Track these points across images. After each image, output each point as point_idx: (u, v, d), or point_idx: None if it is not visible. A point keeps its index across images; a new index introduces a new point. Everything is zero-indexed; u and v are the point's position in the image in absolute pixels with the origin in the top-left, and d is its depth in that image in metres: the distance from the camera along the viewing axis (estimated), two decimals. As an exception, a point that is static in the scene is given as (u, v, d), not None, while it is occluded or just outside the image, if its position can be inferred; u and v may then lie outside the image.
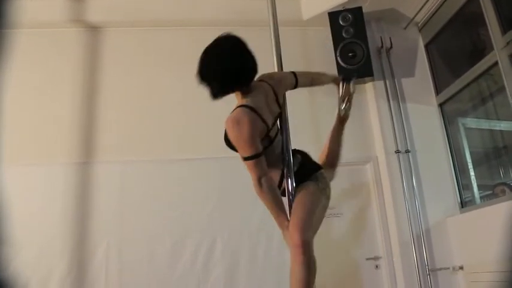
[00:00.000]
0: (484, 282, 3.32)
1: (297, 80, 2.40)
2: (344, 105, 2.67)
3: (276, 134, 2.18)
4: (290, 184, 2.14)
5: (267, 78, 2.29)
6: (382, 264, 4.06)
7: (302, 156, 2.27)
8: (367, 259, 4.06)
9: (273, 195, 2.01)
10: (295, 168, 2.17)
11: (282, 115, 2.28)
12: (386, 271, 4.01)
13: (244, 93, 2.17)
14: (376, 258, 4.08)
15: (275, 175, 2.16)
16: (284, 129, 2.28)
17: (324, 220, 4.11)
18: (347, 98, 2.70)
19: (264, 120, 2.03)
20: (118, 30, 4.43)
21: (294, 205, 2.06)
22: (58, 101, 4.13)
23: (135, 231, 3.83)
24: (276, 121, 2.20)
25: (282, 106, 2.26)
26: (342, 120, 2.67)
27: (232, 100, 3.59)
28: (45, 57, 4.26)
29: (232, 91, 2.21)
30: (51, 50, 4.29)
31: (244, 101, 2.11)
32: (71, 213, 3.78)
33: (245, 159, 1.99)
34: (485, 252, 3.33)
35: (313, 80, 2.61)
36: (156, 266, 3.75)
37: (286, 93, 2.40)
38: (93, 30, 4.40)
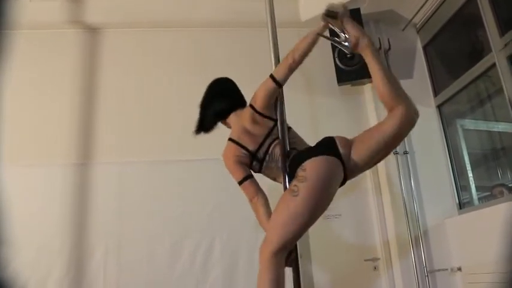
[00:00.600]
0: (482, 283, 3.32)
1: (275, 80, 2.30)
2: (346, 37, 2.32)
3: (267, 151, 2.23)
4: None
5: (251, 99, 2.38)
6: (381, 266, 4.06)
7: (298, 152, 2.19)
8: (366, 260, 4.06)
9: (257, 215, 2.18)
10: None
11: (275, 125, 2.31)
12: (385, 272, 4.01)
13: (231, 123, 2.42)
14: (374, 259, 4.08)
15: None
16: (281, 132, 2.29)
17: (323, 221, 4.11)
18: (342, 29, 2.34)
19: (244, 147, 2.20)
20: (117, 31, 4.43)
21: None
22: (57, 101, 4.13)
23: (134, 232, 3.82)
24: (265, 139, 2.25)
25: (273, 117, 2.32)
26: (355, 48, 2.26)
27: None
28: (43, 58, 4.26)
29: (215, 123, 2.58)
30: (50, 51, 4.29)
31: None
32: (70, 213, 3.78)
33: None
34: (483, 254, 3.34)
35: (294, 60, 2.35)
36: (154, 267, 3.74)
37: (285, 96, 2.42)
38: (92, 31, 4.40)
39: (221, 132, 4.09)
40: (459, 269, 3.78)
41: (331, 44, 4.23)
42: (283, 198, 2.01)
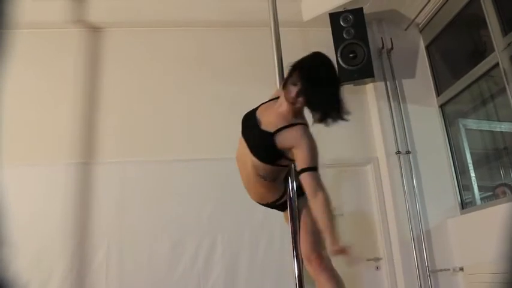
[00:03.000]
0: (484, 283, 3.31)
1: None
2: None
3: None
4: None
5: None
6: (383, 266, 4.06)
7: None
8: (368, 260, 4.06)
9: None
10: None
11: None
12: (387, 272, 4.01)
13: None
14: (376, 259, 4.08)
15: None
16: None
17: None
18: None
19: None
20: (119, 30, 4.44)
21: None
22: (59, 101, 4.14)
23: (136, 231, 3.83)
24: None
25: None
26: None
27: (232, 106, 3.61)
28: (46, 58, 4.27)
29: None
30: (52, 51, 4.30)
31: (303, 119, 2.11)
32: (72, 213, 3.78)
33: (313, 169, 1.93)
34: (485, 254, 3.33)
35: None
36: (156, 266, 3.75)
37: None
38: (95, 31, 4.41)
39: (221, 133, 4.11)
40: (461, 269, 3.77)
41: (334, 44, 4.24)
42: None
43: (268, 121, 2.05)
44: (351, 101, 4.40)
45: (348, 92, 4.43)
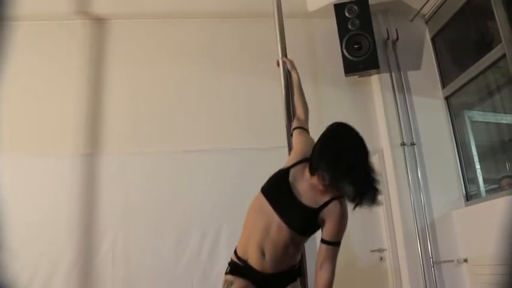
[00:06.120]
0: (488, 275, 3.32)
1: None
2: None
3: None
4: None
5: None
6: (387, 256, 4.07)
7: None
8: (372, 251, 4.07)
9: None
10: None
11: None
12: (391, 263, 4.02)
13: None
14: (380, 250, 4.09)
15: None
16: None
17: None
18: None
19: None
20: (124, 22, 4.44)
21: None
22: (65, 92, 4.15)
23: (141, 222, 3.85)
24: None
25: None
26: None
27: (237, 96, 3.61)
28: (51, 50, 4.27)
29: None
30: (57, 42, 4.31)
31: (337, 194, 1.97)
32: (78, 204, 3.81)
33: (336, 244, 1.93)
34: (489, 246, 3.33)
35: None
36: (161, 257, 3.78)
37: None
38: (99, 22, 4.41)
39: (227, 124, 4.13)
40: (465, 260, 3.78)
41: (339, 35, 4.23)
42: None
43: (308, 195, 1.94)
44: (356, 92, 4.43)
45: (353, 84, 4.42)
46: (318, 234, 1.98)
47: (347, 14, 4.22)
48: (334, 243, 1.92)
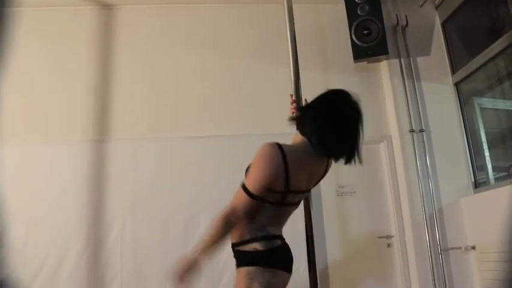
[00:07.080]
0: (496, 262, 3.32)
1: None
2: None
3: (289, 203, 2.00)
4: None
5: None
6: (394, 243, 4.08)
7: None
8: (379, 237, 4.08)
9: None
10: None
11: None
12: (398, 250, 4.03)
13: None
14: (388, 236, 4.10)
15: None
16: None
17: (337, 198, 4.13)
18: None
19: (287, 175, 1.85)
20: (132, 7, 4.43)
21: None
22: (73, 78, 4.17)
23: (150, 208, 3.88)
24: (304, 193, 2.12)
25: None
26: None
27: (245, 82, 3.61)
28: (59, 36, 4.28)
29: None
30: (65, 29, 4.31)
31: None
32: (87, 190, 3.85)
33: (243, 187, 1.89)
34: (497, 233, 3.33)
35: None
36: (170, 242, 3.80)
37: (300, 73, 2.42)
38: (107, 8, 4.40)
39: (235, 109, 4.12)
40: (473, 247, 3.78)
41: (348, 20, 4.19)
42: None
43: None
44: (365, 78, 4.41)
45: (362, 70, 4.39)
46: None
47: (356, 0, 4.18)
48: (243, 185, 1.90)
